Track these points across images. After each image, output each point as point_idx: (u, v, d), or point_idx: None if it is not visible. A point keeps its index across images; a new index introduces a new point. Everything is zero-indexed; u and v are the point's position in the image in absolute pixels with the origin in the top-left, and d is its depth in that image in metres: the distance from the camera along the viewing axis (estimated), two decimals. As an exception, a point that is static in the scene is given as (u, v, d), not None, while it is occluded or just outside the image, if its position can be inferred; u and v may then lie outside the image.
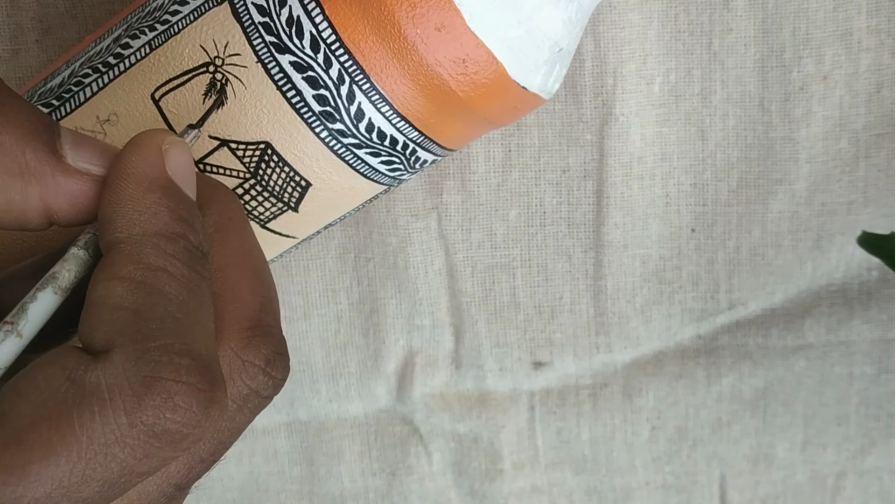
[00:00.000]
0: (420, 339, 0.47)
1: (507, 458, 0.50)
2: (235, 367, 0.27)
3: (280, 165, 0.34)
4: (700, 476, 0.50)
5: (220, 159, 0.34)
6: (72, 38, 0.42)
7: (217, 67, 0.33)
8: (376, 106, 0.33)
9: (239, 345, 0.27)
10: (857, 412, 0.49)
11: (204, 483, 0.49)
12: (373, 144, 0.34)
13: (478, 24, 0.32)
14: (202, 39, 0.34)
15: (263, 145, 0.34)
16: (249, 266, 0.28)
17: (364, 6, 0.32)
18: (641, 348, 0.48)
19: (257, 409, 0.28)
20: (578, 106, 0.44)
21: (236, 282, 0.28)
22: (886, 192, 0.45)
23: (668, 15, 0.43)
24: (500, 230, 0.46)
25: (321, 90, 0.33)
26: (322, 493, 0.50)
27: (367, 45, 0.33)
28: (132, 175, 0.26)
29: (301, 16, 0.33)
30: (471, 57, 0.33)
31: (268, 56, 0.33)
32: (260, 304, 0.28)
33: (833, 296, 0.47)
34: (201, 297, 0.26)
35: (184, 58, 0.34)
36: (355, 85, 0.33)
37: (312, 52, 0.33)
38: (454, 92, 0.33)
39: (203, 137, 0.34)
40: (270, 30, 0.33)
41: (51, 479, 0.23)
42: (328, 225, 0.38)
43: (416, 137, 0.35)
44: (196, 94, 0.34)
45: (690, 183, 0.45)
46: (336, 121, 0.34)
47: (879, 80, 0.44)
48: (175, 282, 0.25)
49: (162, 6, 0.34)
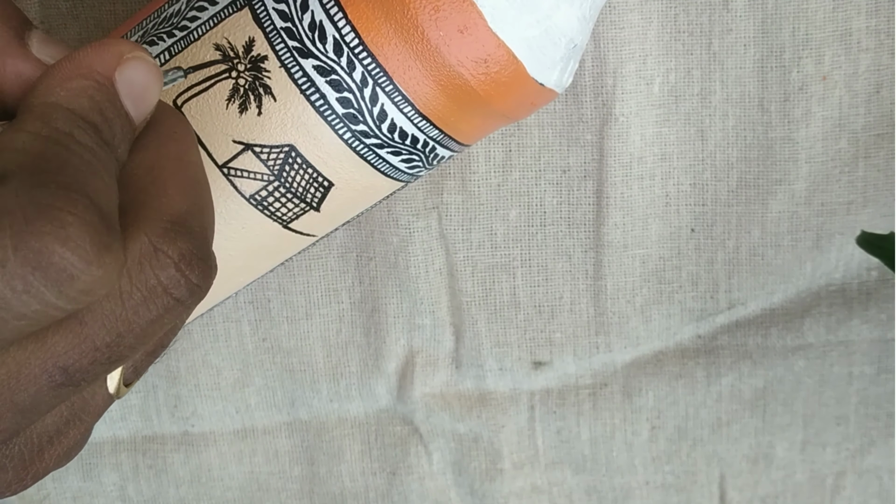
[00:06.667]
0: (421, 339, 0.47)
1: (507, 457, 0.50)
2: (146, 254, 0.25)
3: (304, 167, 0.34)
4: (700, 476, 0.50)
5: (244, 163, 0.34)
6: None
7: (240, 73, 0.34)
8: (399, 107, 0.34)
9: (155, 233, 0.25)
10: (856, 412, 0.49)
11: (204, 480, 0.49)
12: (394, 144, 0.35)
13: (499, 25, 0.33)
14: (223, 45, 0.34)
15: (287, 148, 0.34)
16: (184, 175, 0.27)
17: (387, 9, 0.32)
18: (641, 348, 0.48)
19: (165, 310, 0.26)
20: (578, 106, 0.44)
21: (165, 181, 0.26)
22: (886, 192, 0.45)
23: (668, 15, 0.43)
24: (501, 230, 0.46)
25: (344, 93, 0.33)
26: (322, 493, 0.50)
27: (390, 48, 0.33)
28: (76, 59, 0.26)
29: (324, 20, 0.33)
30: (492, 57, 0.33)
31: (291, 60, 0.33)
32: (188, 206, 0.26)
33: (832, 296, 0.47)
34: (106, 166, 0.25)
35: (205, 64, 0.34)
36: (378, 87, 0.33)
37: (336, 55, 0.33)
38: (475, 91, 0.34)
39: (226, 141, 0.34)
40: (293, 35, 0.33)
41: None
42: (346, 222, 0.38)
43: (436, 135, 0.35)
44: (219, 99, 0.34)
45: (690, 183, 0.45)
46: (359, 122, 0.34)
47: (879, 81, 0.44)
48: (79, 146, 0.24)
49: (179, 12, 0.35)
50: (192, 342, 0.47)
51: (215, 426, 0.49)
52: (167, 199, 0.26)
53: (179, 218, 0.26)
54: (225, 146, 0.34)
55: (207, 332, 0.47)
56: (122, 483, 0.49)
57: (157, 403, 0.48)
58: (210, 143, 0.34)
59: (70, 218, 0.22)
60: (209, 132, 0.34)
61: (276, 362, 0.47)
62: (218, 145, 0.34)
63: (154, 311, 0.26)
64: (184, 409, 0.48)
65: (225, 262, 0.37)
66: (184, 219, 0.26)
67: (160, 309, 0.26)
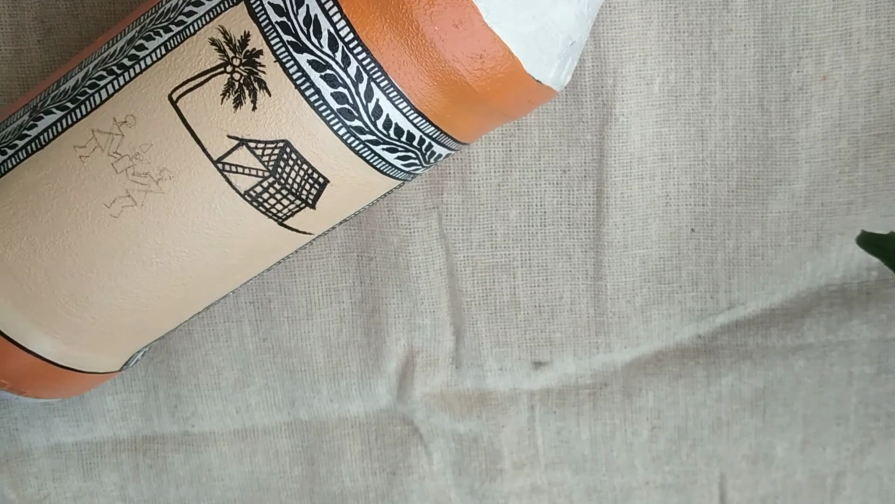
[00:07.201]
0: (421, 339, 0.47)
1: (507, 457, 0.50)
2: None
3: (299, 163, 0.34)
4: (700, 476, 0.50)
5: (239, 158, 0.34)
6: (74, 38, 0.42)
7: (235, 67, 0.34)
8: (394, 102, 0.34)
9: None
10: (856, 412, 0.49)
11: (204, 480, 0.49)
12: (390, 140, 0.35)
13: (494, 20, 0.33)
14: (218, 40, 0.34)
15: (282, 144, 0.34)
16: None
17: (382, 4, 0.32)
18: (641, 348, 0.48)
19: None
20: (578, 106, 0.44)
21: None
22: (886, 192, 0.45)
23: (668, 15, 0.43)
24: (501, 230, 0.46)
25: (339, 88, 0.33)
26: (323, 493, 0.50)
27: (385, 43, 0.33)
28: None
29: (319, 15, 0.33)
30: (488, 52, 0.33)
31: (286, 55, 0.33)
32: None
33: (832, 296, 0.47)
34: None
35: (200, 58, 0.34)
36: (373, 82, 0.33)
37: (331, 50, 0.33)
38: (471, 87, 0.34)
39: (221, 136, 0.34)
40: (288, 29, 0.33)
41: None
42: (343, 220, 0.38)
43: (432, 132, 0.35)
44: (214, 94, 0.34)
45: (690, 183, 0.45)
46: (354, 118, 0.34)
47: (879, 81, 0.44)
48: None
49: (176, 7, 0.35)
50: (193, 342, 0.47)
51: (215, 426, 0.49)
52: None
53: None
54: (220, 141, 0.34)
55: (208, 331, 0.47)
56: (122, 483, 0.49)
57: (158, 403, 0.48)
58: (205, 138, 0.34)
59: None
60: (204, 127, 0.34)
61: (276, 362, 0.47)
62: (213, 140, 0.34)
63: None
64: (184, 409, 0.48)
65: (220, 260, 0.36)
66: None
67: None
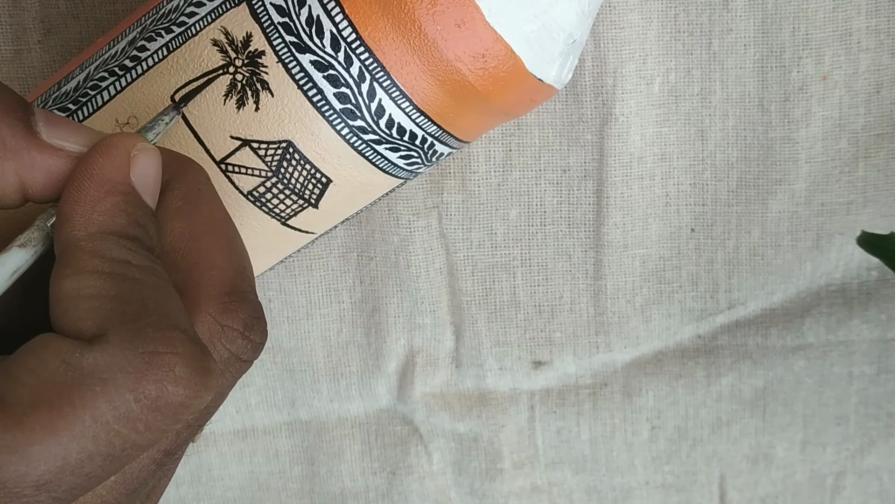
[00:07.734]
0: (421, 339, 0.47)
1: (507, 457, 0.50)
2: (215, 333, 0.27)
3: (301, 163, 0.34)
4: (700, 475, 0.50)
5: (242, 159, 0.34)
6: (74, 39, 0.42)
7: (237, 68, 0.34)
8: (396, 102, 0.34)
9: (217, 311, 0.27)
10: (856, 412, 0.49)
11: (204, 480, 0.49)
12: (392, 140, 0.35)
13: (497, 19, 0.33)
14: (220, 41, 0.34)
15: (285, 144, 0.34)
16: (222, 235, 0.29)
17: (384, 4, 0.32)
18: (641, 348, 0.48)
19: (238, 373, 0.28)
20: (578, 106, 0.44)
21: (210, 250, 0.28)
22: (886, 192, 0.45)
23: (668, 15, 0.43)
24: (501, 229, 0.46)
25: (342, 88, 0.33)
26: (323, 493, 0.50)
27: (387, 43, 0.33)
28: (96, 175, 0.27)
29: (321, 15, 0.33)
30: (490, 52, 0.33)
31: (288, 56, 0.33)
32: (234, 270, 0.28)
33: (832, 296, 0.47)
34: (166, 281, 0.26)
35: (202, 59, 0.34)
36: (376, 82, 0.33)
37: (333, 50, 0.33)
38: (473, 86, 0.34)
39: (224, 137, 0.34)
40: (290, 30, 0.33)
41: (53, 457, 0.24)
42: (345, 220, 0.38)
43: (434, 131, 0.35)
44: (217, 95, 0.34)
45: (690, 183, 0.45)
46: (357, 118, 0.34)
47: (879, 81, 0.44)
48: (140, 270, 0.26)
49: (178, 8, 0.34)
50: (193, 342, 0.47)
51: (215, 426, 0.49)
52: (217, 272, 0.28)
53: (233, 287, 0.28)
54: (223, 142, 0.34)
55: (208, 331, 0.47)
56: (122, 483, 0.49)
57: (158, 403, 0.48)
58: (208, 139, 0.34)
59: (174, 359, 0.25)
60: (207, 128, 0.34)
61: (276, 362, 0.47)
62: (216, 141, 0.34)
63: (231, 378, 0.28)
64: (184, 409, 0.48)
65: None
66: (236, 286, 0.28)
67: (235, 374, 0.28)
